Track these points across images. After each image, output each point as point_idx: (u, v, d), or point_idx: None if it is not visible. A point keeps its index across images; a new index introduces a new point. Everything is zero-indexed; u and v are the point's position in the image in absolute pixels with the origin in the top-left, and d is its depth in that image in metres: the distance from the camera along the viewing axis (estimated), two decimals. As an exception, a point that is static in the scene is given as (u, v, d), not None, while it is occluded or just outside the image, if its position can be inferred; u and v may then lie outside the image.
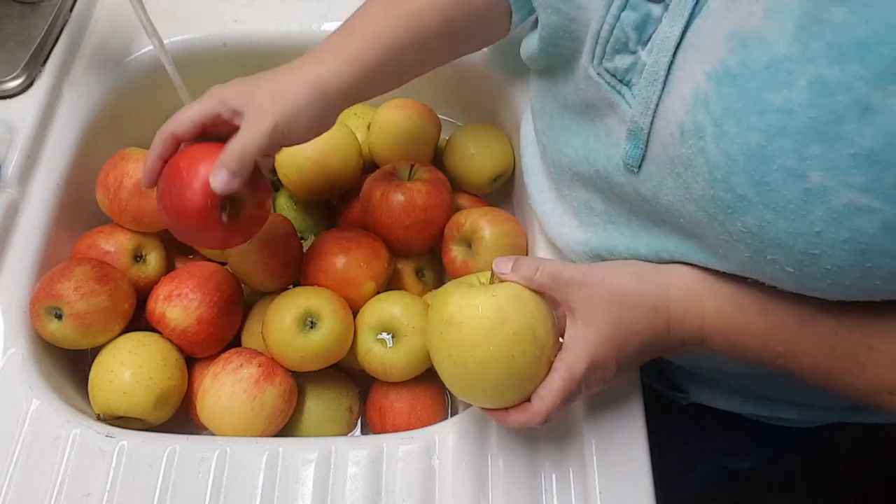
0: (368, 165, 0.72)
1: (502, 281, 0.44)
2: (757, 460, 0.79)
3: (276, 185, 0.73)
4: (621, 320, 0.42)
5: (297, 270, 0.64)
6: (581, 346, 0.42)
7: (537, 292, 0.44)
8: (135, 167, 0.62)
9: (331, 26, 0.72)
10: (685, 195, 0.38)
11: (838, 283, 0.33)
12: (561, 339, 0.44)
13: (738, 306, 0.41)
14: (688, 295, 0.42)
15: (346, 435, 0.62)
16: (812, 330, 0.39)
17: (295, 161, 0.67)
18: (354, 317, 0.60)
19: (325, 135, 0.65)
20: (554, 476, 0.50)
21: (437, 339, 0.44)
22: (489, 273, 0.45)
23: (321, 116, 0.50)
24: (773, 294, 0.39)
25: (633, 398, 0.52)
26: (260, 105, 0.47)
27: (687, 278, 0.43)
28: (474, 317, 0.42)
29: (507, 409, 0.44)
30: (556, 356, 0.43)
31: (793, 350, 0.40)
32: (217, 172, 0.46)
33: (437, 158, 0.73)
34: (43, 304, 0.56)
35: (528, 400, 0.44)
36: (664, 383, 0.65)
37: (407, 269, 0.67)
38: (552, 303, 0.44)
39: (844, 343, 0.38)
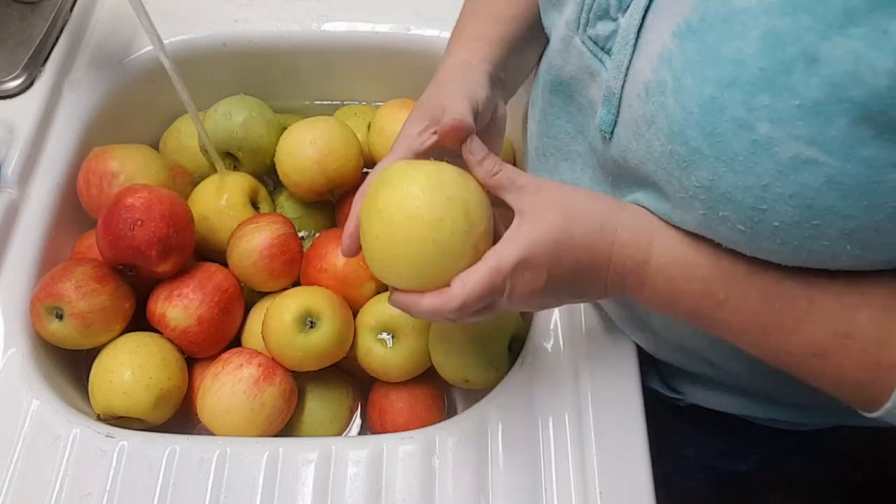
0: (368, 165, 0.72)
1: None
2: (755, 463, 0.79)
3: (276, 185, 0.73)
4: (565, 226, 0.40)
5: (297, 270, 0.64)
6: (516, 239, 0.40)
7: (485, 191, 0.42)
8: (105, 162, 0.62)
9: (331, 26, 0.73)
10: (647, 155, 0.38)
11: (788, 242, 0.34)
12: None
13: (691, 245, 0.40)
14: (639, 223, 0.41)
15: (345, 434, 0.62)
16: (757, 277, 0.38)
17: (295, 161, 0.67)
18: (354, 317, 0.61)
19: (325, 135, 0.66)
20: (554, 477, 0.50)
21: (370, 197, 0.42)
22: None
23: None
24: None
25: (634, 400, 0.52)
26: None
27: (643, 210, 0.42)
28: (411, 173, 0.41)
29: (422, 293, 0.42)
30: (485, 249, 0.41)
31: (734, 298, 0.39)
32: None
33: (437, 158, 0.73)
34: (44, 304, 0.56)
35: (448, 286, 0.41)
36: (661, 384, 0.65)
37: (407, 270, 0.67)
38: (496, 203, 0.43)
39: (787, 293, 0.38)
